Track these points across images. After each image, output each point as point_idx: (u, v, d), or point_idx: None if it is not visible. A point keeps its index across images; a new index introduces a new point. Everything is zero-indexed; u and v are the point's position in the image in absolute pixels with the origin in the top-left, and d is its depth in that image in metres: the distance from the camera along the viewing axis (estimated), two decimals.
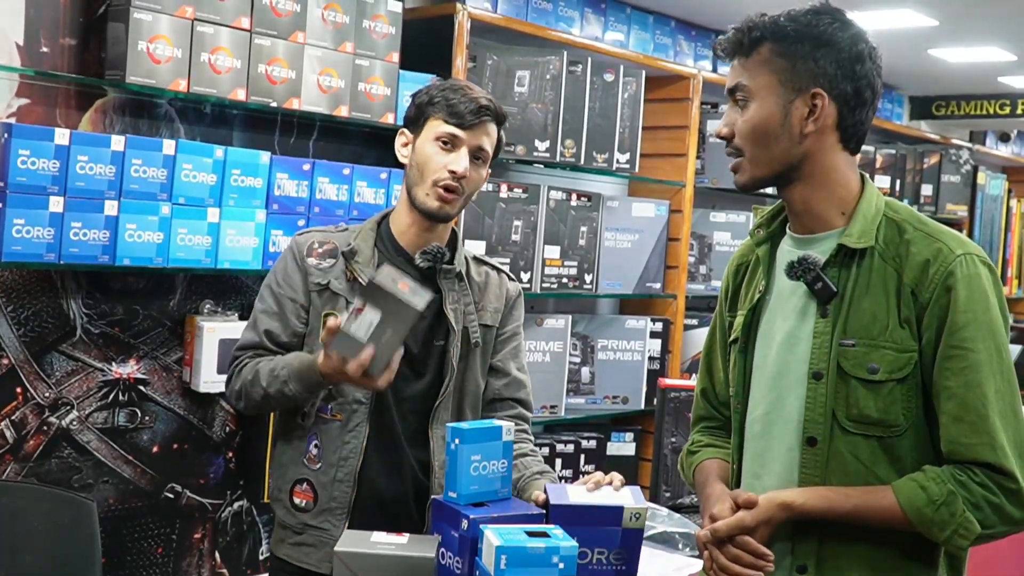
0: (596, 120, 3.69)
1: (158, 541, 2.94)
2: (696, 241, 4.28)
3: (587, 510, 1.74)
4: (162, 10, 2.62)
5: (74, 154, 2.52)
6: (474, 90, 2.18)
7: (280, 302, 2.19)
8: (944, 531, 1.58)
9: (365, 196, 3.06)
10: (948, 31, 4.33)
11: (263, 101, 2.83)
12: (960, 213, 5.62)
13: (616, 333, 3.94)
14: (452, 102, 2.14)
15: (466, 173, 2.13)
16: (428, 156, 2.14)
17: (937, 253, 1.63)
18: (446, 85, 2.20)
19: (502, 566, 1.51)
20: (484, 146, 2.16)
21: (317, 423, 2.16)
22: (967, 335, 1.59)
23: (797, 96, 1.66)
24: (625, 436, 3.99)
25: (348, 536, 1.63)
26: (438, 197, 2.13)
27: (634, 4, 4.05)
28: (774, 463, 1.72)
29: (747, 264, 1.87)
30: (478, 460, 1.78)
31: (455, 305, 2.19)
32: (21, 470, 2.66)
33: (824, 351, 1.66)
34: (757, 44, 1.68)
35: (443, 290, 2.19)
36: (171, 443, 2.94)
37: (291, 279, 2.19)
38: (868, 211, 1.69)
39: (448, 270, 2.19)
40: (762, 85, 1.67)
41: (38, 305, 2.68)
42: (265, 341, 2.18)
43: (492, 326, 2.25)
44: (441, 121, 2.14)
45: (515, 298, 2.31)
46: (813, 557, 1.67)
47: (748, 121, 1.68)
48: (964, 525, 1.57)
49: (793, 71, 1.66)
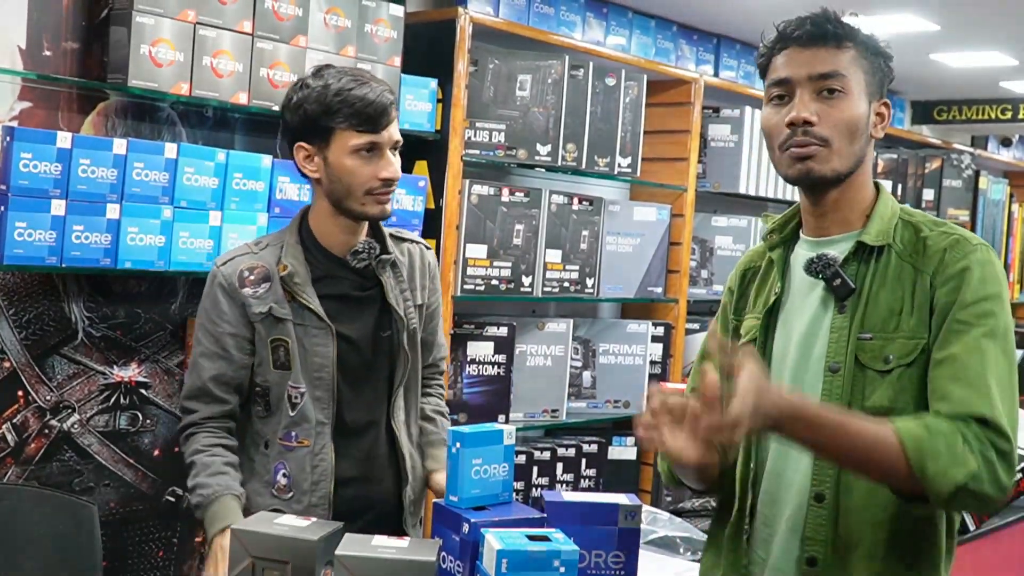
0: (598, 124, 3.69)
1: (159, 544, 2.94)
2: (697, 245, 4.28)
3: (581, 507, 1.74)
4: (164, 14, 2.63)
5: (76, 157, 2.52)
6: (365, 81, 2.07)
7: (220, 340, 2.13)
8: (938, 462, 1.50)
9: None
10: (950, 36, 4.33)
11: (265, 105, 2.84)
12: (962, 218, 5.62)
13: (617, 337, 3.94)
14: (358, 108, 2.04)
15: (399, 174, 2.11)
16: (351, 170, 2.08)
17: (955, 243, 1.66)
18: (338, 86, 2.05)
19: (503, 569, 1.51)
20: (398, 137, 2.12)
21: (281, 452, 2.13)
22: (977, 311, 1.60)
23: (872, 100, 1.72)
24: (626, 440, 3.99)
25: (349, 540, 1.63)
26: (377, 202, 2.10)
27: (636, 8, 4.06)
28: (799, 459, 1.72)
29: (755, 269, 1.88)
30: (479, 464, 1.78)
31: (394, 293, 2.19)
32: (22, 473, 2.66)
33: (841, 345, 1.67)
34: (845, 40, 1.69)
35: (383, 282, 2.18)
36: (172, 446, 2.94)
37: (226, 315, 2.13)
38: (885, 213, 1.73)
39: (385, 260, 2.18)
40: (858, 80, 1.69)
41: (40, 308, 2.68)
42: (210, 387, 2.13)
43: (422, 304, 2.27)
44: (353, 132, 2.06)
45: (434, 268, 2.33)
46: (823, 548, 1.67)
47: (847, 112, 1.67)
48: (961, 458, 1.51)
49: (872, 75, 1.71)
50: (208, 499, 2.06)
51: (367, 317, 2.19)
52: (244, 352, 2.14)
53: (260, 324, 2.13)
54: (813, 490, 1.68)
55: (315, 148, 2.10)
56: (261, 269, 2.14)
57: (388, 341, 2.20)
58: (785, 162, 1.70)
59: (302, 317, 2.13)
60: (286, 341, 2.12)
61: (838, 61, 1.68)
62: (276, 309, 2.12)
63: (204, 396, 2.15)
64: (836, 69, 1.67)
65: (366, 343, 2.18)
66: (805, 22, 1.70)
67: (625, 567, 1.75)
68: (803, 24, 1.70)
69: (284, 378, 2.14)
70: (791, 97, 1.69)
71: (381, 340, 2.20)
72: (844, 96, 1.68)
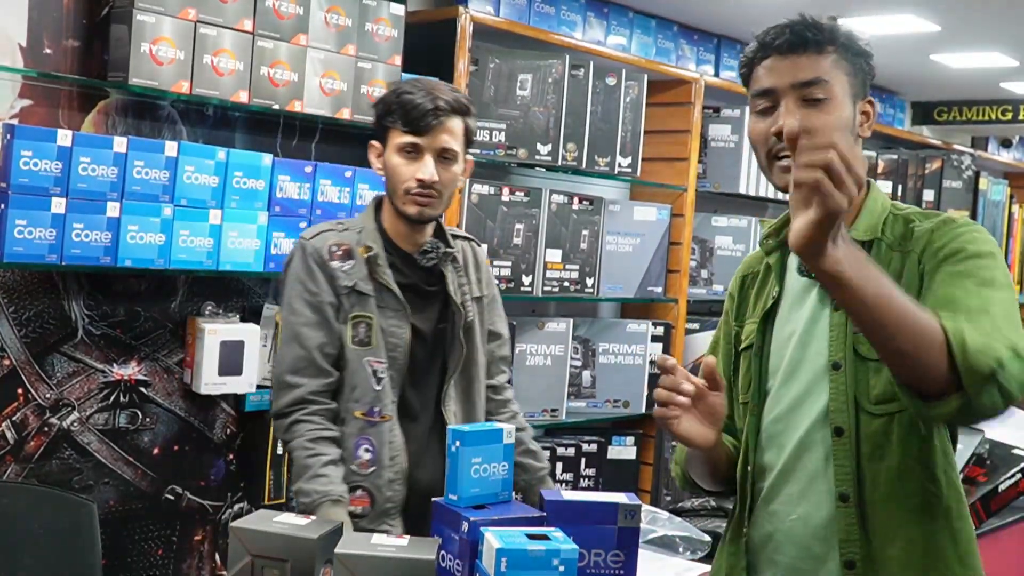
0: (598, 124, 3.69)
1: (159, 543, 2.94)
2: (697, 245, 4.28)
3: (581, 506, 1.74)
4: (165, 12, 2.63)
5: (76, 155, 2.52)
6: (429, 89, 2.20)
7: (320, 309, 2.20)
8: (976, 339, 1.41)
9: (367, 199, 3.06)
10: (950, 36, 4.33)
11: (265, 103, 2.84)
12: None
13: (617, 337, 3.94)
14: (406, 109, 2.17)
15: (433, 178, 2.19)
16: (394, 168, 2.21)
17: (941, 223, 1.66)
18: (401, 89, 2.22)
19: (502, 568, 1.51)
20: (447, 145, 2.21)
21: (363, 427, 2.19)
22: (971, 265, 1.56)
23: (857, 101, 1.71)
24: (626, 440, 3.99)
25: (348, 538, 1.63)
26: (414, 203, 2.20)
27: (636, 8, 4.06)
28: (813, 457, 1.72)
29: (753, 275, 1.88)
30: (479, 463, 1.77)
31: (454, 286, 2.29)
32: (22, 471, 2.66)
33: (840, 341, 1.68)
34: (826, 44, 1.68)
35: (446, 275, 2.29)
36: (172, 445, 2.94)
37: (320, 284, 2.20)
38: (875, 208, 1.72)
39: (447, 254, 2.29)
40: (841, 83, 1.68)
41: (39, 306, 2.68)
42: (316, 357, 2.18)
43: (480, 296, 2.37)
44: (399, 131, 2.19)
45: (484, 262, 2.44)
46: (860, 553, 1.67)
47: (837, 119, 1.66)
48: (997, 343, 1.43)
49: (855, 77, 1.70)
50: (309, 508, 2.10)
51: (431, 311, 2.29)
52: (337, 323, 2.21)
53: (345, 298, 2.21)
54: (837, 490, 1.68)
55: (380, 146, 2.26)
56: (346, 246, 2.24)
57: (444, 332, 2.30)
58: (775, 172, 1.69)
59: (381, 298, 2.23)
60: (369, 317, 2.21)
61: (820, 67, 1.67)
62: (361, 285, 2.21)
63: (310, 367, 2.19)
64: (818, 76, 1.66)
65: (429, 333, 2.28)
66: (784, 30, 1.69)
67: (624, 566, 1.75)
68: (782, 32, 1.68)
69: (362, 354, 2.21)
70: (776, 106, 1.68)
71: (438, 331, 2.29)
72: (828, 102, 1.67)
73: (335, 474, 2.14)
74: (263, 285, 3.08)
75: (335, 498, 2.11)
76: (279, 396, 2.21)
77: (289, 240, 2.90)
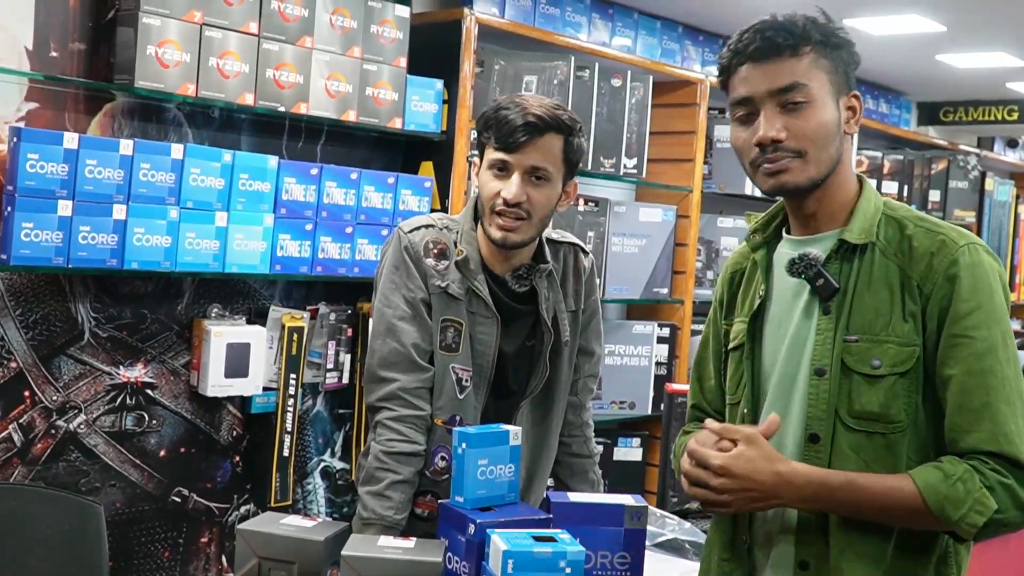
0: (603, 125, 3.69)
1: (165, 545, 2.94)
2: (703, 246, 4.28)
3: (587, 508, 1.74)
4: (171, 15, 2.63)
5: (83, 158, 2.53)
6: (525, 105, 2.08)
7: (415, 305, 2.12)
8: (960, 508, 1.54)
9: (372, 201, 3.07)
10: (956, 37, 4.33)
11: (271, 106, 2.84)
12: (968, 219, 5.61)
13: (623, 338, 3.94)
14: (499, 125, 2.07)
15: (518, 198, 2.06)
16: (484, 184, 2.11)
17: (941, 245, 1.63)
18: (500, 104, 2.12)
19: (509, 570, 1.51)
20: (539, 164, 2.07)
21: (444, 435, 2.12)
22: (971, 323, 1.58)
23: (840, 97, 1.67)
24: (632, 441, 3.99)
25: (355, 540, 1.63)
26: (498, 227, 2.08)
27: (641, 9, 4.06)
28: None
29: (741, 271, 1.85)
30: (484, 464, 1.77)
31: (547, 304, 2.19)
32: (28, 473, 2.67)
33: (827, 348, 1.66)
34: (801, 45, 1.64)
35: (538, 291, 2.18)
36: (178, 447, 2.94)
37: (415, 280, 2.13)
38: (868, 209, 1.69)
39: (543, 270, 2.18)
40: (820, 84, 1.64)
41: (46, 309, 2.68)
42: (413, 353, 2.11)
43: (576, 310, 2.26)
44: (492, 148, 2.09)
45: (590, 272, 2.31)
46: (815, 553, 1.66)
47: (816, 121, 1.63)
48: (980, 500, 1.53)
49: (836, 73, 1.66)
50: (364, 519, 2.07)
51: (521, 325, 2.20)
52: (429, 319, 2.13)
53: (435, 298, 2.13)
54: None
55: (478, 163, 2.16)
56: (443, 246, 2.16)
57: (531, 351, 2.21)
58: (760, 178, 1.67)
59: (471, 303, 2.14)
60: (458, 323, 2.13)
61: (796, 70, 1.63)
62: (453, 288, 2.13)
63: (405, 362, 2.11)
64: (796, 80, 1.62)
65: (516, 348, 2.19)
66: (756, 36, 1.65)
67: (631, 568, 1.75)
68: (754, 39, 1.65)
69: (448, 360, 2.13)
70: (755, 114, 1.65)
71: (525, 349, 2.21)
72: (809, 105, 1.63)
73: (398, 497, 2.07)
74: (269, 287, 3.09)
75: (389, 524, 2.05)
76: (371, 389, 2.14)
77: (295, 242, 2.91)
